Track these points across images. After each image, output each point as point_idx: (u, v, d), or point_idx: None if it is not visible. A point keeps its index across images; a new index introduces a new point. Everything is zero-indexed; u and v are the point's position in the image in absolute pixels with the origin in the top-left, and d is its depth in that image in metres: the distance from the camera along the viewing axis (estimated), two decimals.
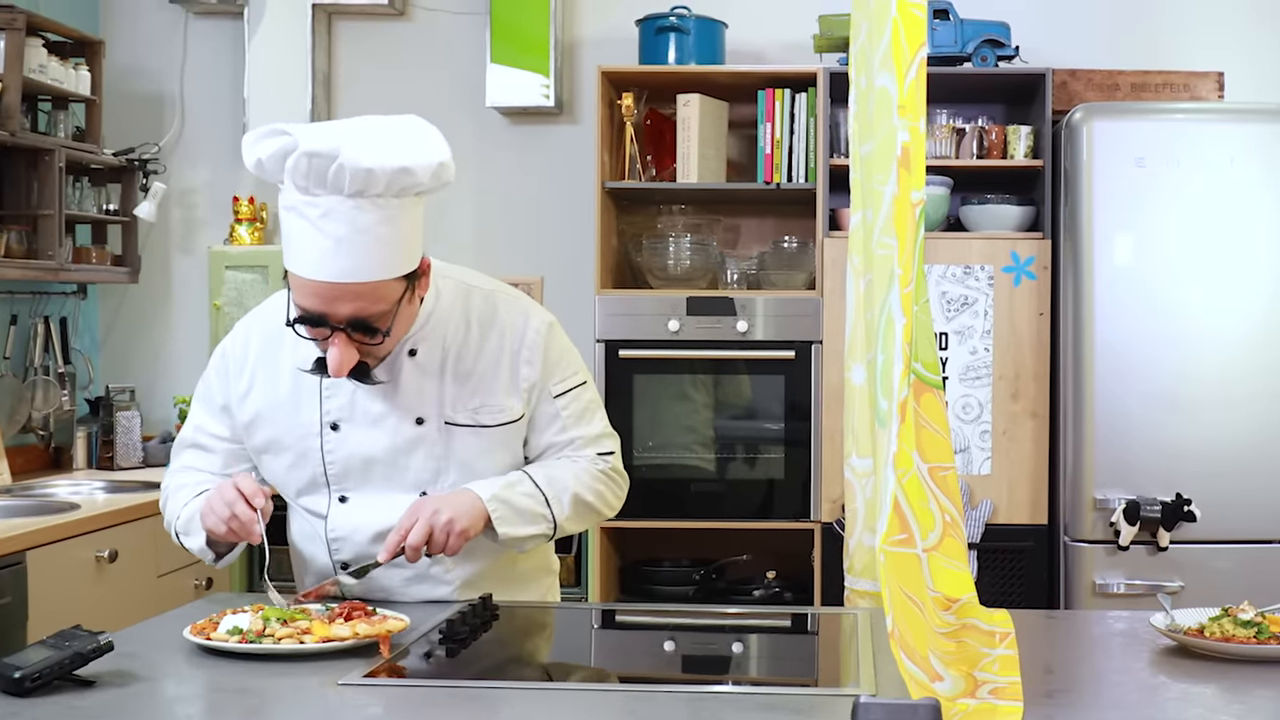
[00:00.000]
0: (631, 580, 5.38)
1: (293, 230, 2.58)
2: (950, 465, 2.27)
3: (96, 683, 2.23)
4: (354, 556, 2.85)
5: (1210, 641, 2.49)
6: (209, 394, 2.94)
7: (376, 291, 2.59)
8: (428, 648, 2.53)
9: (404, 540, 2.70)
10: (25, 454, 5.49)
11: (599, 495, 2.94)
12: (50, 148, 5.15)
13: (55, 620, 3.18)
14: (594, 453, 2.96)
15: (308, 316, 2.60)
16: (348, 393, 2.80)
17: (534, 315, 2.90)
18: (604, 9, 5.86)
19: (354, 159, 2.50)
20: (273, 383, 2.85)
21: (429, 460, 2.83)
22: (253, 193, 5.94)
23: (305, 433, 2.84)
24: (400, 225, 2.59)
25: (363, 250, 2.55)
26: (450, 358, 2.83)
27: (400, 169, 2.55)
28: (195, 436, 2.96)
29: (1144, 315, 4.80)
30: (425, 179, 2.59)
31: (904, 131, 2.20)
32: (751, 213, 5.74)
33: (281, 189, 2.59)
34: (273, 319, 2.86)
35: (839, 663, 2.76)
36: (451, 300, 2.84)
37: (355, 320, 2.60)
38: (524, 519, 2.82)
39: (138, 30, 6.04)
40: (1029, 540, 5.00)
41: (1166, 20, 5.72)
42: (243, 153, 2.59)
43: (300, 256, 2.57)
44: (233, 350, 2.91)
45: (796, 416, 5.15)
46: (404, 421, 2.81)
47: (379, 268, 2.58)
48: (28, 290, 5.48)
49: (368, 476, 2.83)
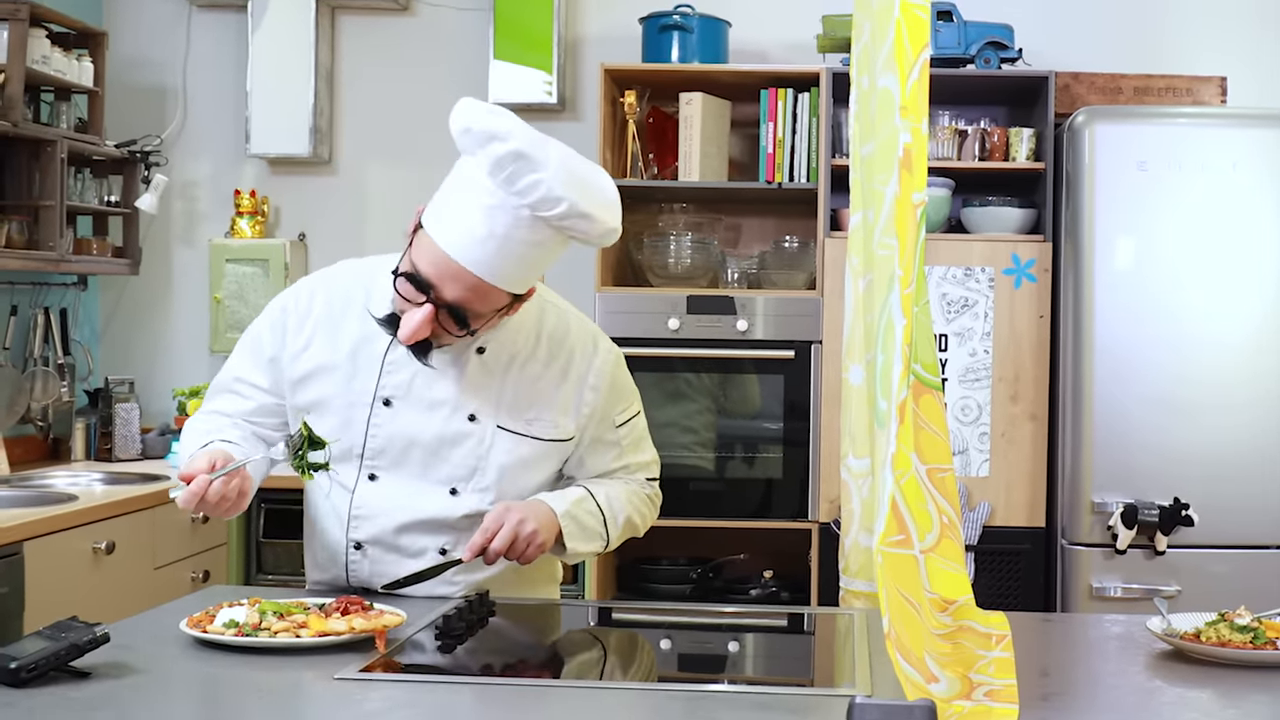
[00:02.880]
0: (629, 578, 5.38)
1: (457, 203, 2.63)
2: (949, 467, 2.26)
3: (92, 674, 2.22)
4: (370, 537, 2.85)
5: (1206, 646, 2.49)
6: (257, 344, 2.92)
7: (488, 294, 2.65)
8: (425, 643, 2.53)
9: (488, 543, 2.73)
10: (24, 444, 5.49)
11: (643, 517, 3.03)
12: (52, 139, 5.15)
13: (52, 611, 3.17)
14: (644, 477, 3.05)
15: (417, 279, 2.64)
16: (409, 373, 2.82)
17: (603, 343, 2.97)
18: (608, 6, 5.86)
19: (555, 184, 2.57)
20: (332, 345, 2.86)
21: (470, 458, 2.84)
22: (254, 186, 5.94)
23: (355, 401, 2.84)
24: (544, 252, 2.67)
25: (506, 256, 2.61)
26: (516, 364, 2.87)
27: (584, 214, 2.61)
28: (232, 384, 2.94)
29: (1144, 319, 4.80)
30: (595, 233, 2.66)
31: (906, 133, 2.20)
32: (753, 212, 5.74)
33: (465, 158, 2.64)
34: (342, 284, 2.91)
35: (835, 663, 2.76)
36: (527, 309, 2.86)
37: (456, 307, 2.65)
38: (587, 536, 2.88)
39: (141, 22, 6.04)
40: (1026, 543, 5.00)
41: (1170, 24, 5.72)
42: (455, 114, 2.62)
43: (450, 229, 2.62)
44: (295, 306, 2.90)
45: (795, 416, 5.15)
46: (457, 414, 2.83)
47: (508, 279, 2.65)
48: (28, 281, 5.48)
49: (404, 459, 2.84)
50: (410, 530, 2.85)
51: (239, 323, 5.76)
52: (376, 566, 2.85)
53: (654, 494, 3.08)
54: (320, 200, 6.00)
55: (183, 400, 5.72)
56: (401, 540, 2.85)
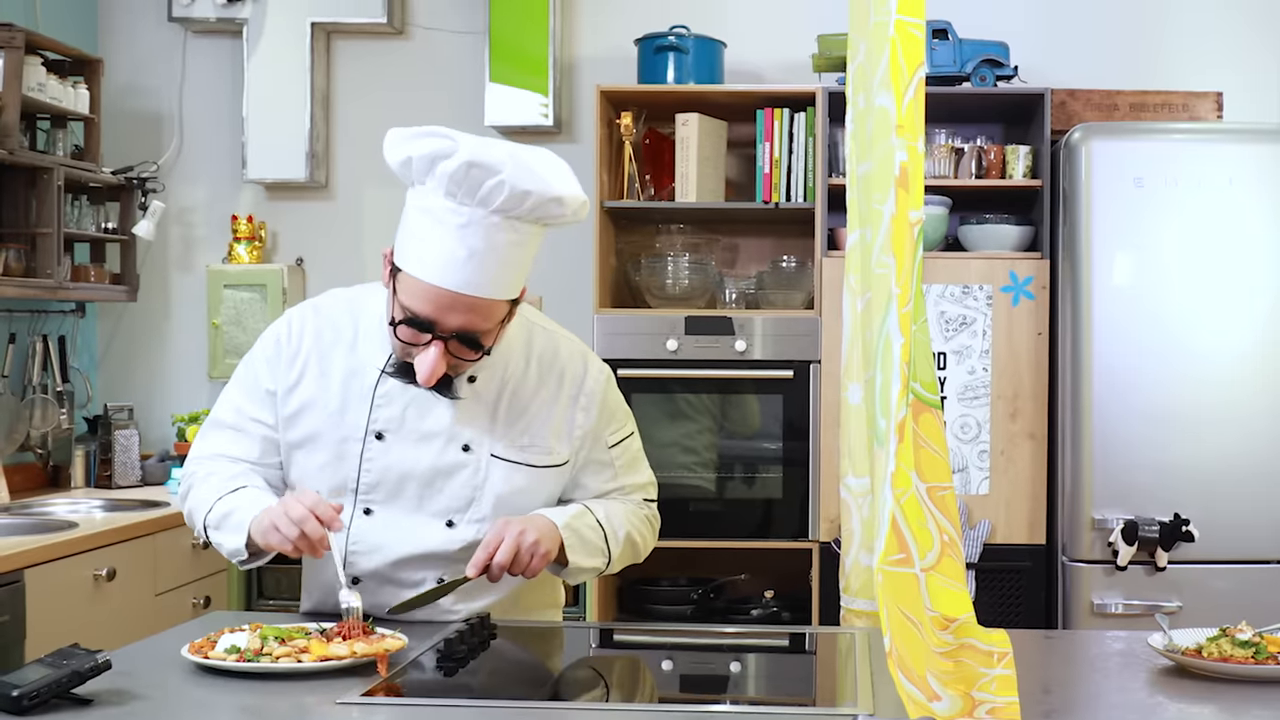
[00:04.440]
0: (629, 599, 5.38)
1: (425, 234, 2.63)
2: (948, 485, 2.27)
3: (94, 701, 2.22)
4: (367, 572, 2.84)
5: (1208, 662, 2.49)
6: (254, 378, 2.89)
7: (489, 309, 2.66)
8: (426, 666, 2.53)
9: (491, 557, 2.70)
10: (23, 472, 5.49)
11: (643, 537, 3.01)
12: (49, 166, 5.16)
13: (53, 639, 3.18)
14: (640, 498, 3.04)
15: (416, 320, 2.64)
16: (400, 405, 2.81)
17: (593, 363, 2.96)
18: (603, 29, 5.87)
19: (516, 179, 2.58)
20: (323, 379, 2.84)
21: (465, 488, 2.83)
22: (251, 211, 5.95)
23: (347, 436, 2.82)
24: (528, 249, 2.67)
25: (493, 267, 2.62)
26: (507, 392, 2.86)
27: (554, 198, 2.62)
28: (235, 419, 2.89)
29: (1142, 335, 4.80)
30: (568, 212, 2.66)
31: (902, 151, 2.20)
32: (750, 232, 5.75)
33: (415, 189, 2.66)
34: (329, 315, 2.89)
35: (836, 683, 2.76)
36: (514, 333, 2.86)
37: (463, 333, 2.64)
38: (589, 551, 2.85)
39: (136, 49, 6.05)
40: (1027, 560, 5.00)
41: (1165, 41, 5.73)
42: (387, 147, 2.67)
43: (427, 261, 2.62)
44: (286, 338, 2.88)
45: (795, 436, 5.15)
46: (451, 445, 2.82)
47: (501, 287, 2.65)
48: (26, 309, 5.48)
49: (399, 493, 2.83)
50: (408, 564, 2.83)
51: (237, 348, 5.76)
52: (374, 599, 2.81)
53: (652, 515, 3.06)
54: (317, 225, 6.01)
55: (182, 426, 5.72)
56: (399, 574, 2.84)
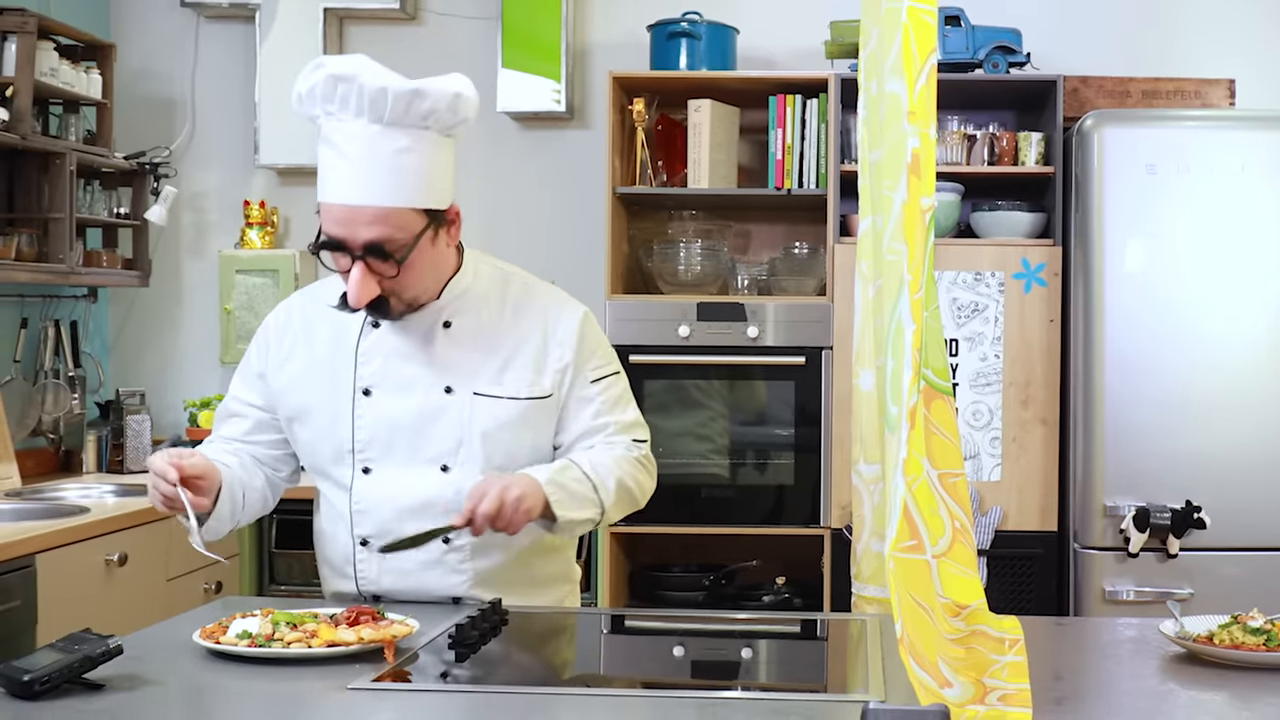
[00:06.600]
0: (641, 585, 5.38)
1: (322, 161, 2.72)
2: (960, 472, 2.27)
3: (105, 686, 2.23)
4: (375, 531, 2.88)
5: (1219, 649, 2.48)
6: (248, 364, 3.02)
7: (394, 219, 2.70)
8: (437, 652, 2.53)
9: (474, 510, 2.72)
10: (35, 457, 5.50)
11: (637, 483, 2.99)
12: (61, 151, 5.16)
13: (65, 624, 3.18)
14: (629, 439, 3.02)
15: (330, 242, 2.72)
16: (382, 358, 2.87)
17: (568, 304, 3.02)
18: (615, 14, 5.86)
19: (371, 79, 2.64)
20: (310, 350, 2.93)
21: (454, 429, 2.86)
22: (263, 196, 5.95)
23: (338, 399, 2.89)
24: (421, 157, 2.71)
25: (380, 175, 2.68)
26: (484, 332, 2.90)
27: (413, 90, 2.67)
28: (230, 405, 3.04)
29: (1154, 322, 4.79)
30: (440, 106, 2.70)
31: (914, 137, 2.20)
32: (762, 218, 5.74)
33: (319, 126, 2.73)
34: (318, 294, 2.98)
35: (848, 669, 2.76)
36: (489, 282, 2.94)
37: (372, 245, 2.69)
38: (577, 503, 2.85)
39: (149, 34, 6.05)
40: (1038, 547, 4.99)
41: (1178, 27, 5.71)
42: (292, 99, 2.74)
43: (325, 183, 2.72)
44: (274, 322, 3.01)
45: (807, 422, 5.15)
46: (433, 389, 2.86)
47: (395, 194, 2.69)
48: (38, 294, 5.49)
49: (392, 445, 2.87)
50: (411, 516, 2.86)
51: (249, 334, 5.72)
52: (384, 563, 2.87)
53: (645, 457, 3.04)
54: None
55: (194, 411, 5.73)
56: (405, 527, 2.85)
